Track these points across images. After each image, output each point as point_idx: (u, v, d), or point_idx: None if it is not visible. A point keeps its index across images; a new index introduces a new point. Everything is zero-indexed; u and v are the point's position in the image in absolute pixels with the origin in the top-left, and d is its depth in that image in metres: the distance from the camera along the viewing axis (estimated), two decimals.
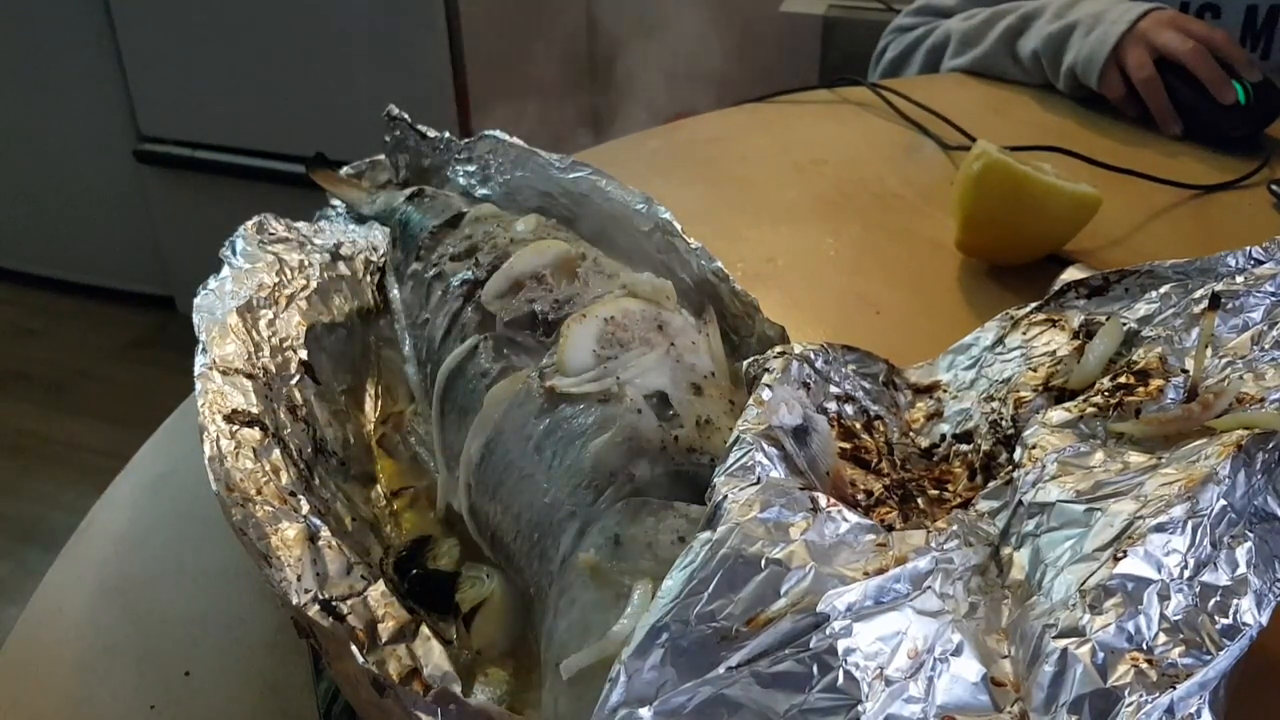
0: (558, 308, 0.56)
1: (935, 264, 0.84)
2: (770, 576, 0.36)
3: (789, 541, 0.38)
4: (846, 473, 0.48)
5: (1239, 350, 0.48)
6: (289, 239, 0.70)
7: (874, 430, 0.53)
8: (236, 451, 0.50)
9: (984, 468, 0.49)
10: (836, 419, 0.52)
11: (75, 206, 2.39)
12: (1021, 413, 0.50)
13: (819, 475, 0.46)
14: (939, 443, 0.53)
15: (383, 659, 0.42)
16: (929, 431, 0.54)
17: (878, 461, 0.50)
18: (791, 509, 0.39)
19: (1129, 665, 0.35)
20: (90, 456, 2.06)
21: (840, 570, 0.37)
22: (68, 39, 2.15)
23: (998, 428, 0.50)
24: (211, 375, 0.54)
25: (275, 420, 0.54)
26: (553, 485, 0.48)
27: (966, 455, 0.51)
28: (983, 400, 0.54)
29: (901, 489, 0.49)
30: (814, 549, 0.38)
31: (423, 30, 1.90)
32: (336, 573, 0.46)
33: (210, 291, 0.61)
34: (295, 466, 0.52)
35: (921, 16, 1.30)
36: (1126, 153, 1.00)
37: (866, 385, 0.55)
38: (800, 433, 0.46)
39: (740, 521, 0.38)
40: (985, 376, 0.56)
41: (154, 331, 2.40)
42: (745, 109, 1.16)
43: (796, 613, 0.35)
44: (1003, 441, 0.49)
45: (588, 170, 0.71)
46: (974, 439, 0.51)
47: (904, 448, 0.53)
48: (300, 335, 0.61)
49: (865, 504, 0.47)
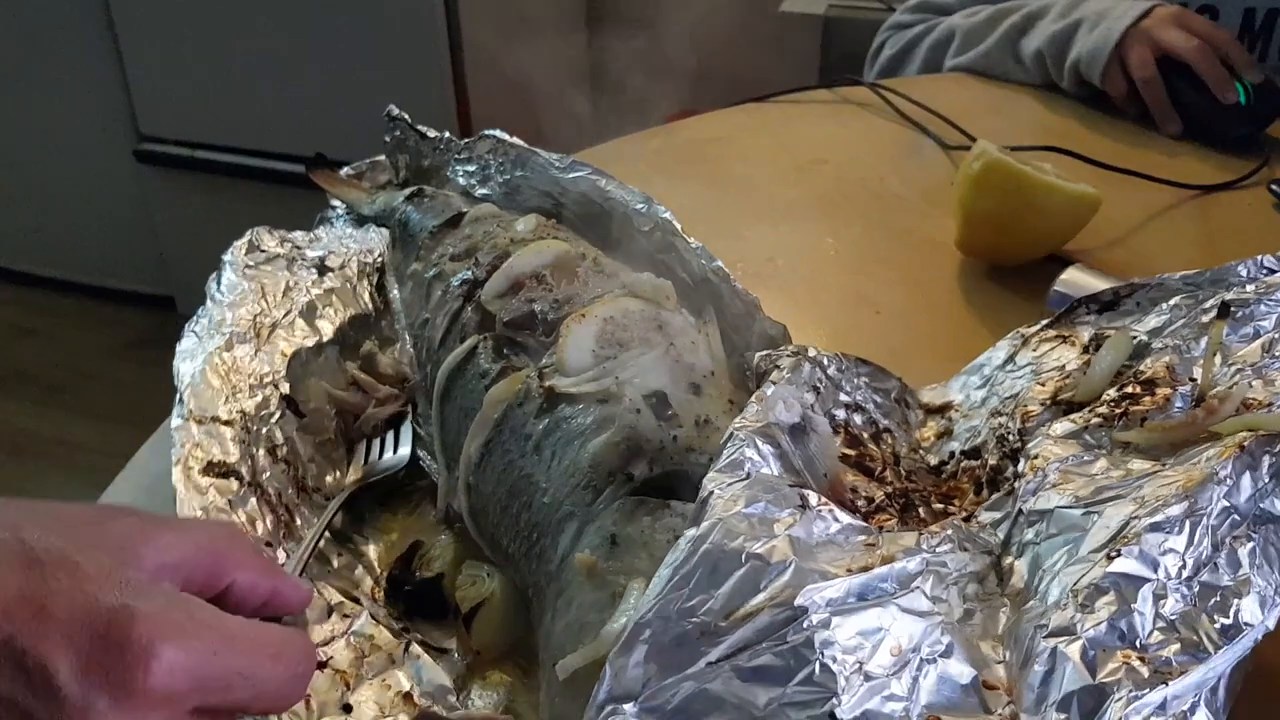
0: (557, 307, 0.56)
1: (935, 264, 0.84)
2: (750, 571, 0.36)
3: (772, 537, 0.37)
4: (847, 477, 0.48)
5: (1249, 358, 0.47)
6: (279, 255, 0.69)
7: (882, 441, 0.52)
8: (210, 506, 0.50)
9: (990, 481, 0.49)
10: (844, 426, 0.51)
11: (75, 206, 2.39)
12: (1028, 426, 0.50)
13: (815, 476, 0.46)
14: (948, 460, 0.53)
15: (371, 693, 0.44)
16: (938, 449, 0.54)
17: (882, 470, 0.50)
18: (779, 505, 0.39)
19: (1120, 662, 0.34)
20: (90, 456, 2.06)
21: (823, 566, 0.37)
22: (68, 39, 2.15)
23: (1004, 442, 0.50)
24: (188, 427, 0.54)
25: (253, 467, 0.54)
26: (552, 485, 0.48)
27: (973, 470, 0.51)
28: (991, 416, 0.53)
29: (904, 498, 0.49)
30: (798, 545, 0.37)
31: (423, 30, 1.90)
32: (315, 619, 0.46)
33: (192, 333, 0.61)
34: (274, 513, 0.52)
35: (920, 13, 1.30)
36: (1126, 153, 1.00)
37: (878, 399, 0.55)
38: (798, 431, 0.46)
39: (723, 517, 0.38)
40: (996, 394, 0.55)
41: (154, 331, 2.39)
42: (745, 109, 1.16)
43: (775, 607, 0.35)
44: (1009, 455, 0.49)
45: (588, 170, 0.71)
46: (981, 454, 0.51)
47: (912, 462, 0.52)
48: (283, 368, 0.61)
49: (865, 510, 0.47)
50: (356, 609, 0.48)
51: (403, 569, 0.54)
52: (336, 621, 0.47)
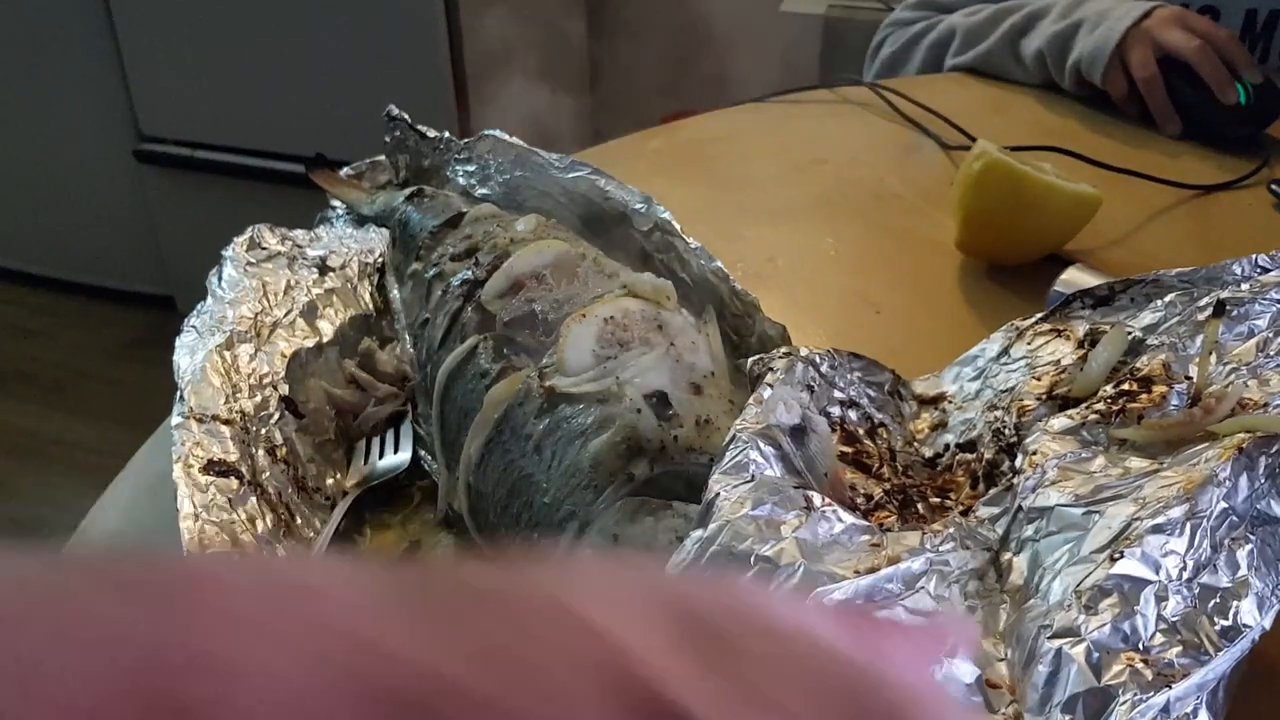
0: (557, 307, 0.56)
1: (935, 264, 0.84)
2: (760, 574, 0.37)
3: (780, 539, 0.38)
4: (846, 476, 0.48)
5: (1244, 357, 0.48)
6: (280, 253, 0.69)
7: (877, 437, 0.53)
8: (210, 508, 0.50)
9: (986, 476, 0.49)
10: (839, 423, 0.51)
11: (75, 206, 2.39)
12: (1024, 421, 0.50)
13: (816, 476, 0.46)
14: (942, 452, 0.53)
15: None
16: (933, 442, 0.54)
17: (879, 466, 0.50)
18: (784, 507, 0.39)
19: (1124, 665, 0.35)
20: (90, 456, 2.06)
21: (831, 568, 0.37)
22: (68, 39, 2.15)
23: (1000, 436, 0.50)
24: (188, 425, 0.54)
25: (253, 466, 0.54)
26: (552, 485, 0.48)
27: (969, 464, 0.51)
28: (986, 409, 0.53)
29: (902, 494, 0.49)
30: (805, 547, 0.38)
31: (423, 30, 1.90)
32: None
33: (191, 328, 0.60)
34: (274, 512, 0.52)
35: (921, 10, 1.30)
36: (1126, 153, 1.00)
37: (871, 393, 0.55)
38: (798, 432, 0.46)
39: (731, 519, 0.38)
40: (990, 387, 0.55)
41: (154, 331, 2.39)
42: (745, 109, 1.16)
43: None
44: (1005, 450, 0.49)
45: (587, 170, 0.71)
46: (977, 448, 0.51)
47: (907, 456, 0.53)
48: (282, 369, 0.61)
49: (864, 507, 0.47)
50: None
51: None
52: None
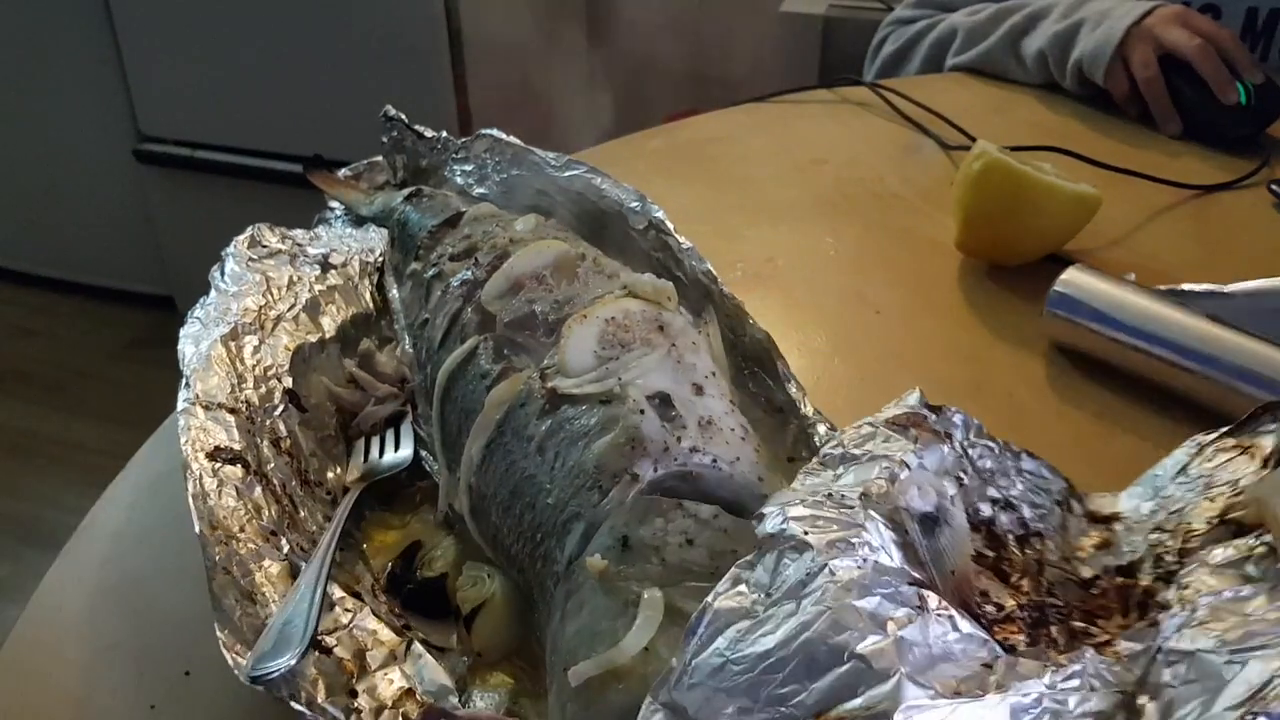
0: (558, 308, 0.56)
1: (935, 264, 0.84)
2: (851, 672, 0.34)
3: (882, 636, 0.35)
4: (980, 580, 0.45)
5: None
6: (281, 251, 0.69)
7: (1028, 545, 0.48)
8: (219, 489, 0.50)
9: (1140, 604, 0.45)
10: (988, 524, 0.47)
11: (75, 206, 2.39)
12: (1189, 546, 0.45)
13: (942, 571, 0.42)
14: (1101, 574, 0.48)
15: (374, 685, 0.43)
16: (1094, 562, 0.49)
17: (1019, 577, 0.46)
18: (894, 601, 0.36)
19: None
20: (90, 456, 2.06)
21: (930, 681, 0.34)
22: (68, 39, 2.15)
23: (1161, 562, 0.46)
24: (194, 411, 0.54)
25: (258, 456, 0.54)
26: (556, 486, 0.48)
27: (1125, 589, 0.46)
28: (1152, 531, 0.49)
29: (1039, 611, 0.45)
30: (906, 651, 0.35)
31: (423, 30, 1.90)
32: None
33: (196, 319, 0.61)
34: (278, 503, 0.52)
35: (922, 9, 1.30)
36: (1127, 153, 1.00)
37: (1035, 498, 0.50)
38: (928, 521, 0.43)
39: (833, 606, 0.36)
40: (1164, 508, 0.50)
41: (154, 331, 2.39)
42: (745, 109, 1.16)
43: (869, 718, 0.33)
44: (1164, 577, 0.45)
45: (583, 169, 0.71)
46: (1136, 573, 0.47)
47: (1060, 573, 0.48)
48: (286, 361, 0.61)
49: (992, 617, 0.43)
50: (358, 604, 0.48)
51: (404, 567, 0.54)
52: (340, 614, 0.47)
